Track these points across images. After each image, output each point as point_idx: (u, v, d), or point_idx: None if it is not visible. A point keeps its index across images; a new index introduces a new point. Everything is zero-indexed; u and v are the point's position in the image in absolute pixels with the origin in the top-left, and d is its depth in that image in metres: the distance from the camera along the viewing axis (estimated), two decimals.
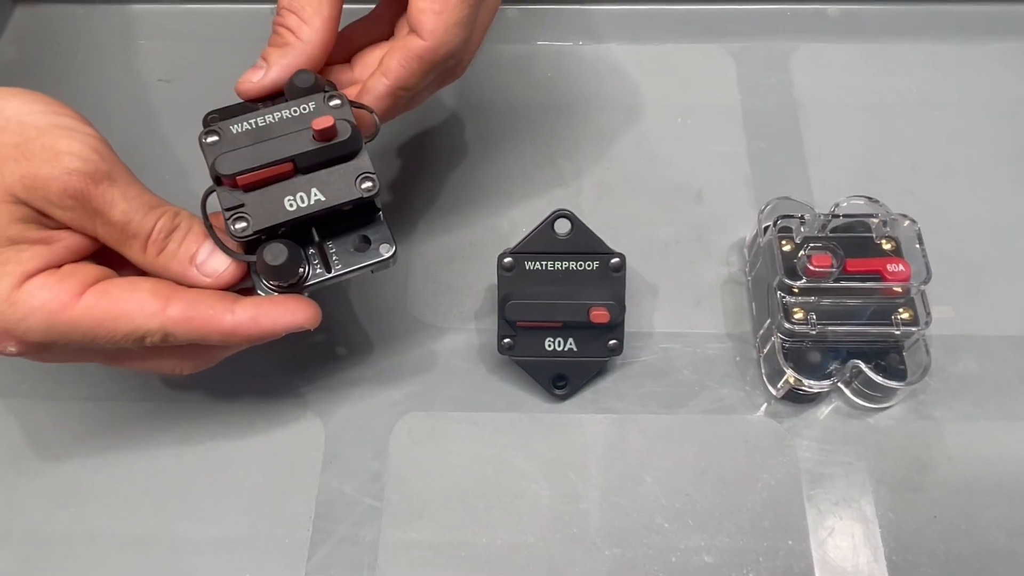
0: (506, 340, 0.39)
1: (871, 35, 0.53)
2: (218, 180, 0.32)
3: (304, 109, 0.33)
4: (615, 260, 0.39)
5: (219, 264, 0.32)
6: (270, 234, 0.32)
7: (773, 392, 0.41)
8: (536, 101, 0.51)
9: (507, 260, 0.39)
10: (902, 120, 0.50)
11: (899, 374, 0.39)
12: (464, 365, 0.42)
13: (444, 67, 0.35)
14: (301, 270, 0.33)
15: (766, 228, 0.41)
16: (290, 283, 0.33)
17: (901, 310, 0.39)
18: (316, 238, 0.34)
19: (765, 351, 0.41)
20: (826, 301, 0.39)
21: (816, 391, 0.39)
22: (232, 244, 0.33)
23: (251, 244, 0.33)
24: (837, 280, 0.39)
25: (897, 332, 0.38)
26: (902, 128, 0.49)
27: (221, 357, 0.35)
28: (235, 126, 0.33)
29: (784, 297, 0.39)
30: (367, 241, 0.35)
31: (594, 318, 0.38)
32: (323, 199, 0.32)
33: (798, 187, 0.47)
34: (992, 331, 0.43)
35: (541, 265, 0.39)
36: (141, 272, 0.32)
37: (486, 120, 0.50)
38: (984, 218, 0.46)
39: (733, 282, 0.44)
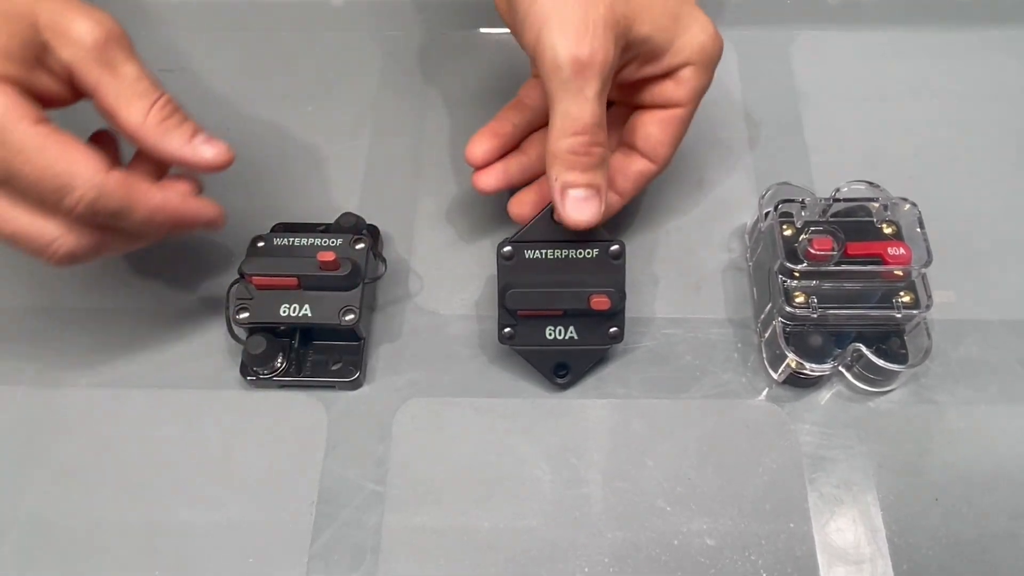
0: (507, 329, 0.39)
1: (871, 22, 0.53)
2: (242, 275, 0.39)
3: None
4: (615, 247, 0.39)
5: (209, 152, 0.35)
6: (265, 328, 0.40)
7: (774, 376, 0.41)
8: None
9: (506, 249, 0.39)
10: (902, 107, 0.50)
11: (900, 357, 0.39)
12: (466, 352, 0.43)
13: None
14: (276, 364, 0.40)
15: (767, 213, 0.41)
16: (264, 372, 0.40)
17: (902, 293, 0.39)
18: (296, 345, 0.41)
19: (766, 336, 0.41)
20: (827, 285, 0.39)
21: (817, 375, 0.40)
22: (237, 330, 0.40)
23: (252, 331, 0.40)
24: (838, 264, 0.39)
25: (898, 315, 0.39)
26: (902, 115, 0.49)
27: (104, 250, 0.34)
28: (279, 239, 0.41)
29: (785, 281, 0.39)
30: (339, 361, 0.41)
31: (594, 305, 0.38)
32: (309, 315, 0.39)
33: (799, 175, 0.47)
34: (993, 316, 0.43)
35: (540, 254, 0.39)
36: None
37: (487, 109, 0.50)
38: (985, 204, 0.46)
39: (734, 268, 0.45)
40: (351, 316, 0.39)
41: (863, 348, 0.39)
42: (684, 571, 0.37)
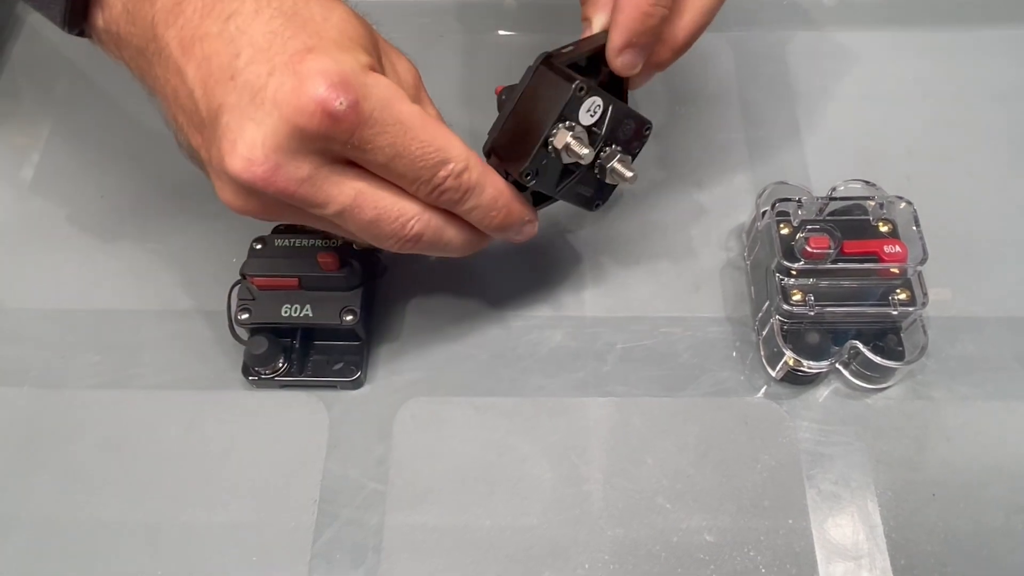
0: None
1: (866, 24, 0.53)
2: (243, 276, 0.40)
3: (332, 244, 0.40)
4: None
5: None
6: (267, 328, 0.41)
7: (772, 374, 0.41)
8: None
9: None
10: (897, 107, 0.50)
11: (897, 354, 0.39)
12: (466, 351, 0.43)
13: None
14: (278, 364, 0.41)
15: (764, 212, 0.42)
16: (265, 373, 0.41)
17: (898, 291, 0.39)
18: (297, 345, 0.41)
19: (764, 334, 0.41)
20: (824, 283, 0.40)
21: (815, 372, 0.40)
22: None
23: (254, 331, 0.41)
24: (835, 262, 0.39)
25: (894, 312, 0.39)
26: (898, 115, 0.50)
27: (441, 238, 0.35)
28: (279, 240, 0.41)
29: (783, 279, 0.40)
30: (340, 360, 0.42)
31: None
32: (310, 316, 0.40)
33: (796, 174, 0.47)
34: (989, 313, 0.43)
35: None
36: None
37: (484, 111, 0.50)
38: (981, 202, 0.47)
39: (732, 267, 0.45)
40: (351, 317, 0.40)
41: (860, 345, 0.39)
42: (684, 567, 0.37)
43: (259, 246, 0.41)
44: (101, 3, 0.33)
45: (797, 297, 0.39)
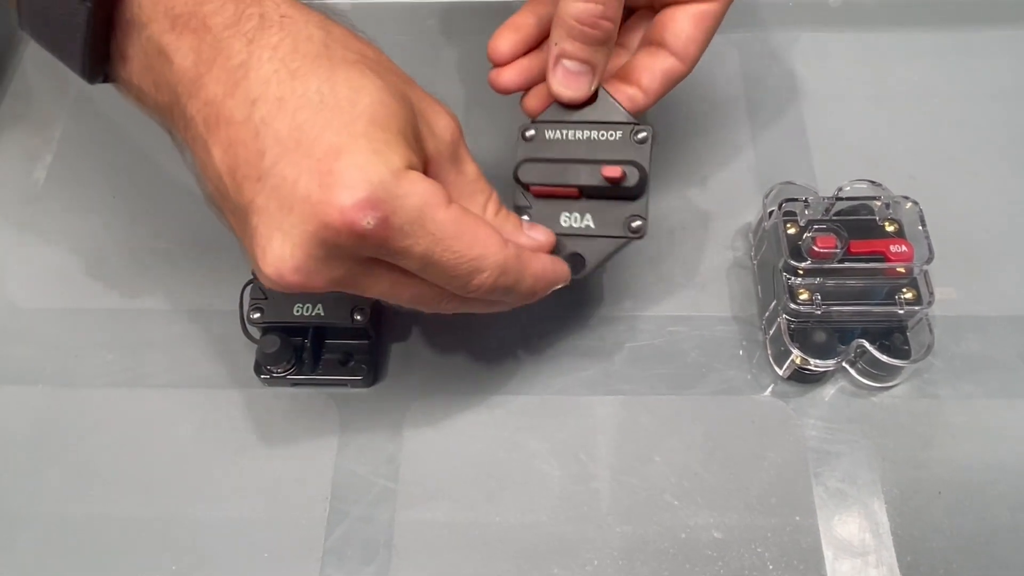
0: (524, 216, 0.37)
1: (872, 24, 0.54)
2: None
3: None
4: (642, 133, 0.36)
5: (540, 234, 0.36)
6: (279, 328, 0.40)
7: (779, 372, 0.42)
8: None
9: (529, 132, 0.37)
10: (903, 107, 0.50)
11: (903, 353, 0.40)
12: (475, 350, 0.43)
13: None
14: (289, 363, 0.41)
15: (771, 212, 0.42)
16: (277, 371, 0.41)
17: (904, 290, 0.39)
18: (309, 344, 0.41)
19: (771, 333, 0.42)
20: (831, 282, 0.40)
21: (821, 371, 0.40)
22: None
23: (266, 330, 0.41)
24: (841, 261, 0.39)
25: (900, 312, 0.39)
26: (903, 115, 0.50)
27: (474, 308, 0.35)
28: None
29: (789, 278, 0.40)
30: (351, 359, 0.42)
31: (606, 174, 0.35)
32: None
33: (802, 174, 0.48)
34: (994, 312, 0.44)
35: (561, 134, 0.37)
36: None
37: (492, 111, 0.50)
38: (985, 202, 0.47)
39: (739, 266, 0.45)
40: (361, 316, 0.40)
41: (866, 344, 0.39)
42: (692, 564, 0.38)
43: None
44: (122, 56, 0.31)
45: (804, 296, 0.40)
